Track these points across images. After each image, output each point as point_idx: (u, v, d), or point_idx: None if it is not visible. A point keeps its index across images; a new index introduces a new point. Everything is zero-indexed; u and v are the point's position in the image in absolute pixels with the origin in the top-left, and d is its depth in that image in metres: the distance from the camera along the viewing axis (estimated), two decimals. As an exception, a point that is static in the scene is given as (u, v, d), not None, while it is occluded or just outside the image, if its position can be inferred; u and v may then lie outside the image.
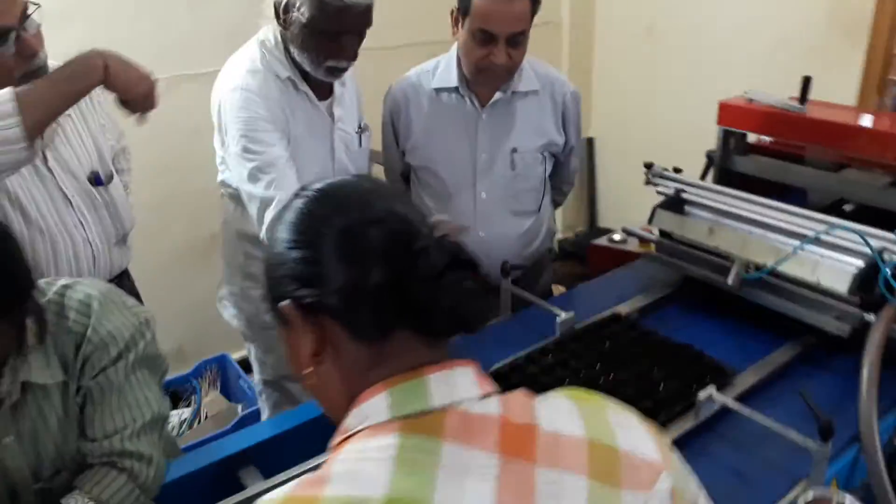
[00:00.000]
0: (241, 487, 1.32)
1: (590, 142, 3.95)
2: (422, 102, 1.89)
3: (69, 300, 1.20)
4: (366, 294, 0.66)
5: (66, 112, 1.53)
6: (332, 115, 1.79)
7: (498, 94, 1.84)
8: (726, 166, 2.08)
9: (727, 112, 2.00)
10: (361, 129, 1.89)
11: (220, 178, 1.82)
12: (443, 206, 1.92)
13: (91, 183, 1.60)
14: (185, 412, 2.50)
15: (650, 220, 1.81)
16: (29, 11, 1.42)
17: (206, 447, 1.39)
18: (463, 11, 1.71)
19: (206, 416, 2.50)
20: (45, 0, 2.26)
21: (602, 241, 2.27)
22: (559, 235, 4.08)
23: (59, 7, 2.30)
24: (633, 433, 0.71)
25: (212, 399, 2.59)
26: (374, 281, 0.66)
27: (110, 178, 1.65)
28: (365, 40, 1.66)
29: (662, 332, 1.61)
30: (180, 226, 2.72)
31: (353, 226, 0.68)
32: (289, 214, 0.72)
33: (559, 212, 4.02)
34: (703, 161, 2.15)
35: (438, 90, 1.87)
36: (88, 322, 1.19)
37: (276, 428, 1.42)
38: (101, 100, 1.68)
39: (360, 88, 1.95)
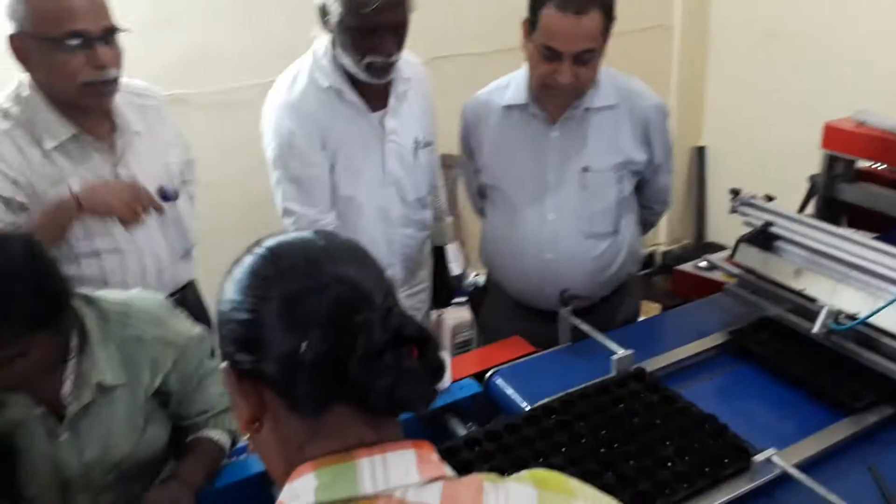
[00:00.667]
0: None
1: (700, 151, 3.72)
2: (492, 121, 1.83)
3: (133, 310, 1.29)
4: (303, 366, 0.63)
5: (137, 129, 1.64)
6: (383, 126, 1.78)
7: (569, 111, 1.74)
8: (831, 194, 1.88)
9: (832, 135, 1.81)
10: (420, 144, 1.86)
11: None
12: (511, 226, 1.86)
13: (160, 198, 1.66)
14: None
15: (732, 254, 1.66)
16: (119, 31, 1.51)
17: (242, 461, 1.42)
18: (531, 23, 1.64)
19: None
20: (150, 6, 2.41)
21: (688, 266, 2.12)
22: (662, 248, 3.89)
23: (165, 13, 2.45)
24: None
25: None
26: (312, 353, 0.63)
27: (177, 193, 1.71)
28: (457, 46, 1.63)
29: (717, 381, 1.47)
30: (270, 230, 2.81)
31: (296, 292, 0.65)
32: (237, 272, 0.69)
33: (664, 223, 3.86)
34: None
35: (509, 108, 1.80)
36: (165, 330, 1.30)
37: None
38: (170, 118, 1.76)
39: (431, 103, 1.93)
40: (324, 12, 1.63)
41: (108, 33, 1.49)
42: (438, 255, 2.18)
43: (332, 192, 1.79)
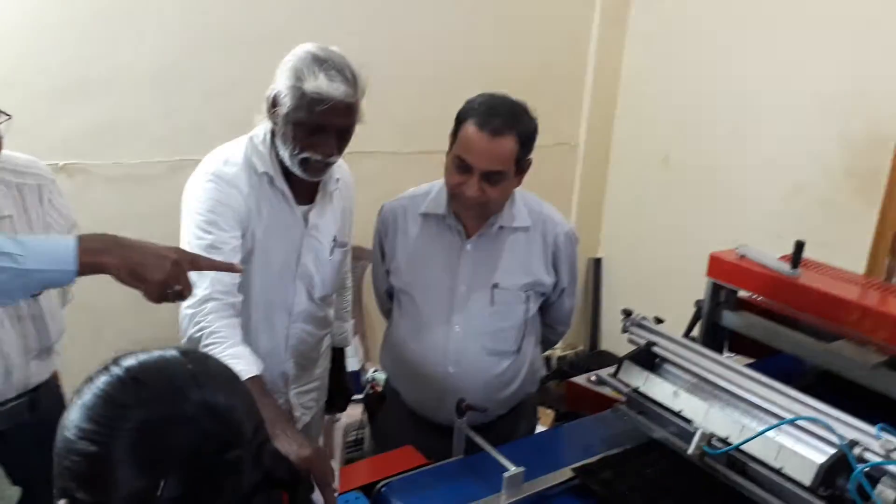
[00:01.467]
0: None
1: (597, 262, 3.90)
2: (409, 226, 1.86)
3: None
4: None
5: (7, 213, 1.51)
6: (306, 220, 1.78)
7: (485, 227, 1.80)
8: (714, 320, 1.99)
9: (716, 265, 1.93)
10: (337, 244, 1.87)
11: None
12: (416, 334, 1.86)
13: None
14: None
15: (615, 372, 1.72)
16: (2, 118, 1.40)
17: None
18: (454, 133, 1.71)
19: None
20: (58, 77, 2.35)
21: (580, 379, 2.17)
22: (558, 353, 3.98)
23: (76, 80, 2.38)
24: None
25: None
26: (169, 496, 0.56)
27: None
28: (378, 143, 1.63)
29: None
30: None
31: (156, 423, 0.58)
32: (88, 394, 0.62)
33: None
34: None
35: (427, 215, 1.84)
36: None
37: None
38: (53, 196, 1.65)
39: (352, 207, 1.96)
40: (274, 102, 1.63)
41: None
42: (337, 357, 2.14)
43: (244, 278, 1.72)
